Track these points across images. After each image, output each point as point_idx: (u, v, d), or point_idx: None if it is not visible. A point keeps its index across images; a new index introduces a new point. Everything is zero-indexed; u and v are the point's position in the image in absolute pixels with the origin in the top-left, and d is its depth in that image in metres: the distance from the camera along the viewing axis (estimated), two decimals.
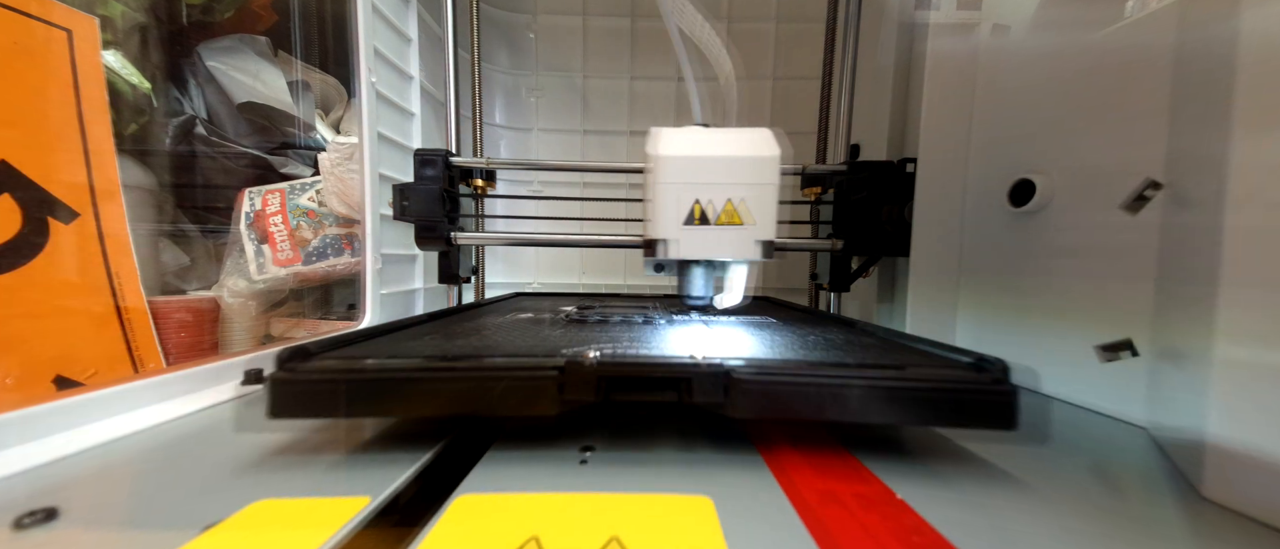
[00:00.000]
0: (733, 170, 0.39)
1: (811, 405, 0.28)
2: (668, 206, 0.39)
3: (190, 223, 0.87)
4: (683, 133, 0.41)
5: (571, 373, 0.28)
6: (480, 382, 0.28)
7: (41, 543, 0.21)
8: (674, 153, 0.39)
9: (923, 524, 0.23)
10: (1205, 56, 0.32)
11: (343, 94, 1.01)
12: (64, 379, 0.63)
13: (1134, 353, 0.38)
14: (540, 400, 0.28)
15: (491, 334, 0.41)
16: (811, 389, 0.28)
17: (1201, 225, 0.30)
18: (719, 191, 0.39)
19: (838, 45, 0.74)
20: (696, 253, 0.40)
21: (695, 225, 0.39)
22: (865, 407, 0.28)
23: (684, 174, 0.39)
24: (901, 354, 0.36)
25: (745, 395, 0.28)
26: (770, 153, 0.39)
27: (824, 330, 0.46)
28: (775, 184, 0.40)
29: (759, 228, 0.40)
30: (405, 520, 0.23)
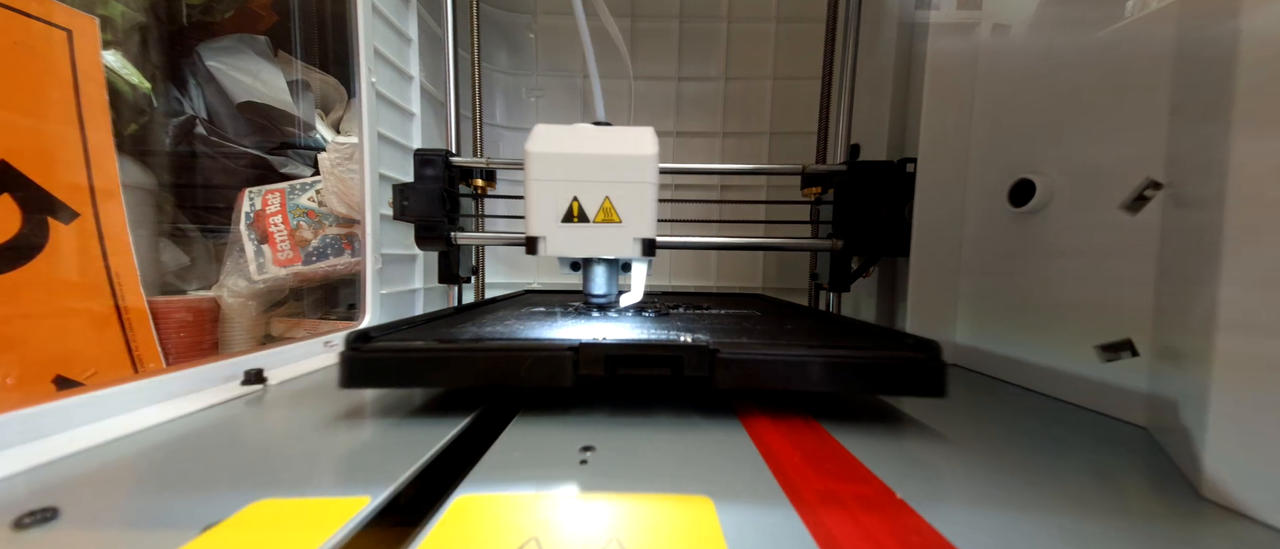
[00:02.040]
0: (608, 168, 0.39)
1: (781, 377, 0.34)
2: (543, 203, 0.39)
3: (190, 223, 0.87)
4: (562, 130, 0.41)
5: (584, 352, 0.34)
6: (511, 359, 0.34)
7: (41, 543, 0.21)
8: (547, 150, 0.39)
9: (923, 524, 0.23)
10: (1205, 56, 0.32)
11: (343, 94, 1.01)
12: (64, 379, 0.63)
13: (1134, 353, 0.38)
14: (559, 374, 0.33)
15: (514, 323, 0.47)
16: (781, 364, 0.34)
17: (1201, 225, 0.30)
18: (595, 189, 0.39)
19: (838, 45, 0.74)
20: (573, 250, 0.40)
21: (572, 223, 0.39)
22: (825, 378, 0.34)
23: (558, 171, 0.39)
24: (859, 337, 0.42)
25: (727, 370, 0.34)
26: (646, 151, 0.39)
27: (800, 321, 0.53)
28: (652, 182, 0.40)
29: (636, 226, 0.40)
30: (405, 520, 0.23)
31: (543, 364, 0.33)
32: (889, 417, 0.38)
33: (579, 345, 0.34)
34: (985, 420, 0.38)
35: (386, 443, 0.31)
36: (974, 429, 0.36)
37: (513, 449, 0.31)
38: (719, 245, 0.77)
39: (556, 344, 0.34)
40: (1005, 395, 0.45)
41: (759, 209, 0.86)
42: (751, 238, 0.76)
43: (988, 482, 0.28)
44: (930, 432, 0.35)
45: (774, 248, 0.86)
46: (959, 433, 0.35)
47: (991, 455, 0.31)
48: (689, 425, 0.35)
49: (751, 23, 0.98)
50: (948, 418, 0.38)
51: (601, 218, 0.39)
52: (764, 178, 0.98)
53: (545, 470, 0.28)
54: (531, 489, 0.25)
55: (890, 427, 0.36)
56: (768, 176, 0.97)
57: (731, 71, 0.99)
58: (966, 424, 0.37)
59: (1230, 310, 0.26)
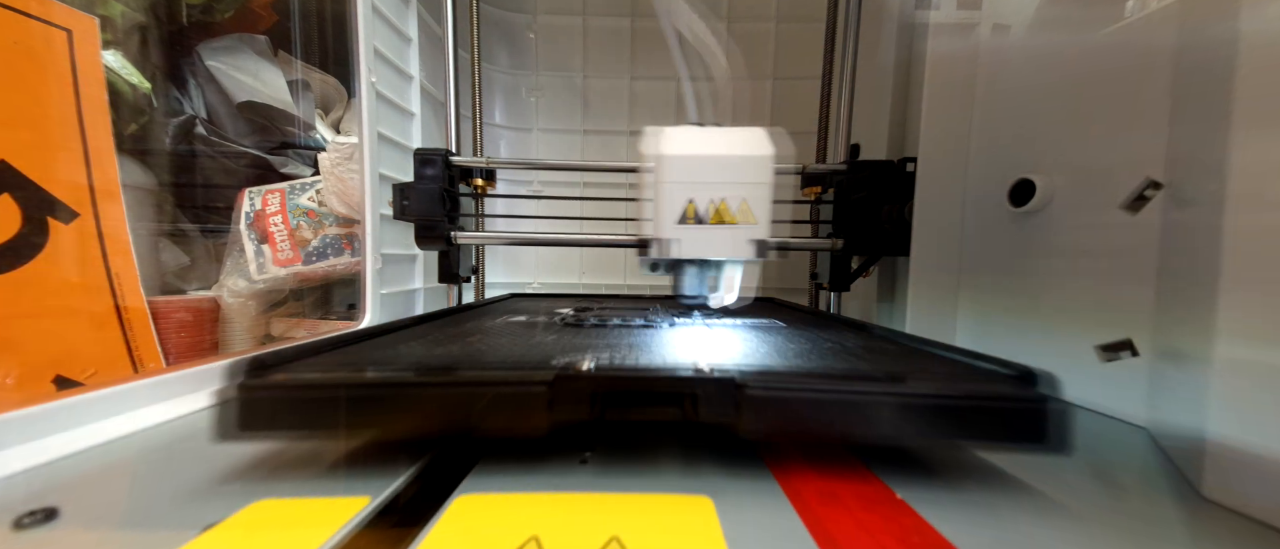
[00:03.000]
0: (726, 169, 0.39)
1: (834, 423, 0.25)
2: (662, 205, 0.39)
3: (190, 223, 0.87)
4: (678, 131, 0.41)
5: (562, 387, 0.26)
6: (461, 396, 0.26)
7: (41, 543, 0.21)
8: (670, 151, 0.39)
9: (922, 524, 0.23)
10: (1205, 56, 0.32)
11: (343, 94, 1.01)
12: (64, 379, 0.63)
13: (1134, 353, 0.38)
14: (528, 417, 0.26)
15: (480, 340, 0.39)
16: (834, 404, 0.25)
17: (1201, 225, 0.30)
18: (713, 191, 0.39)
19: (838, 45, 0.74)
20: (690, 252, 0.40)
21: (689, 224, 0.39)
22: (897, 424, 0.25)
23: (678, 173, 0.39)
24: (926, 362, 0.34)
25: (758, 411, 0.25)
26: (764, 152, 0.39)
27: (836, 335, 0.44)
28: (769, 183, 0.40)
29: (753, 227, 0.40)
30: (405, 520, 0.23)
31: (503, 404, 0.26)
32: None
33: (555, 377, 0.26)
34: None
35: (387, 443, 0.31)
36: None
37: (513, 448, 0.29)
38: None
39: (521, 377, 0.26)
40: None
41: None
42: None
43: (987, 480, 0.28)
44: None
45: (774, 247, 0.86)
46: None
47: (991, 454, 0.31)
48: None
49: (751, 23, 0.98)
50: None
51: (717, 219, 0.39)
52: None
53: (545, 470, 0.28)
54: (531, 489, 0.25)
55: None
56: None
57: (731, 71, 0.99)
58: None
59: (1230, 310, 0.26)
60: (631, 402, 0.27)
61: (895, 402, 0.25)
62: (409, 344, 0.37)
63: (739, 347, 0.38)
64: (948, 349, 0.37)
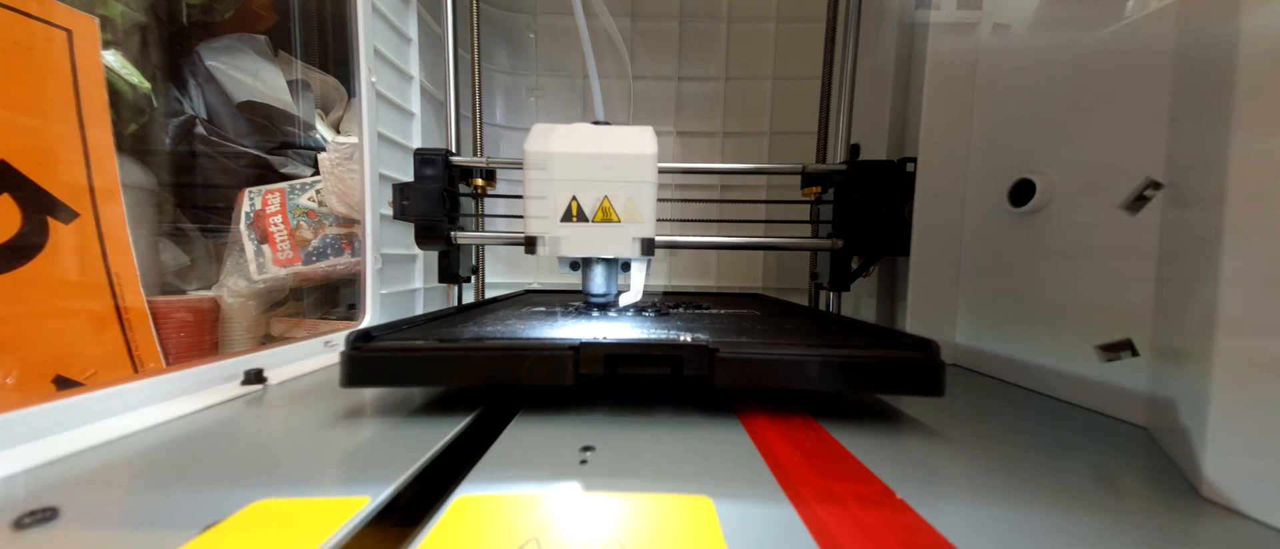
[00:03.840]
0: (608, 167, 0.39)
1: (780, 376, 0.34)
2: (543, 203, 0.39)
3: (190, 223, 0.87)
4: (560, 129, 0.41)
5: (585, 351, 0.34)
6: (512, 358, 0.34)
7: (41, 543, 0.21)
8: (547, 148, 0.39)
9: (922, 524, 0.23)
10: (1205, 56, 0.32)
11: (343, 94, 1.01)
12: (64, 379, 0.63)
13: (1134, 353, 0.38)
14: (560, 373, 0.33)
15: (514, 323, 0.47)
16: (780, 363, 0.34)
17: (1201, 225, 0.30)
18: (595, 189, 0.39)
19: (838, 45, 0.74)
20: (574, 250, 0.40)
21: (573, 222, 0.39)
22: (823, 377, 0.34)
23: (558, 170, 0.39)
24: (858, 337, 0.43)
25: (726, 369, 0.34)
26: (645, 150, 0.39)
27: (799, 320, 0.53)
28: (651, 181, 0.40)
29: (638, 225, 0.40)
30: (405, 520, 0.23)
31: (543, 363, 0.33)
32: (889, 416, 0.38)
33: (579, 345, 0.34)
34: (985, 420, 0.38)
35: (387, 443, 0.31)
36: (974, 429, 0.36)
37: (513, 449, 0.31)
38: (719, 245, 0.77)
39: (557, 344, 0.34)
40: (1005, 395, 0.45)
41: (759, 209, 0.86)
42: (751, 237, 0.76)
43: (988, 481, 0.28)
44: (931, 432, 0.35)
45: (774, 247, 0.86)
46: (959, 433, 0.35)
47: (991, 455, 0.31)
48: (689, 425, 0.35)
49: (751, 23, 0.98)
50: (948, 418, 0.38)
51: (600, 217, 0.39)
52: (764, 177, 0.98)
53: (545, 470, 0.28)
54: (531, 489, 0.25)
55: (890, 426, 0.36)
56: (768, 176, 0.97)
57: (731, 71, 0.99)
58: (967, 424, 0.37)
59: (1230, 310, 0.26)
60: (635, 363, 0.34)
61: (820, 361, 0.34)
62: (463, 325, 0.45)
63: (719, 327, 0.45)
64: (873, 327, 0.47)
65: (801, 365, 0.34)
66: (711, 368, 0.34)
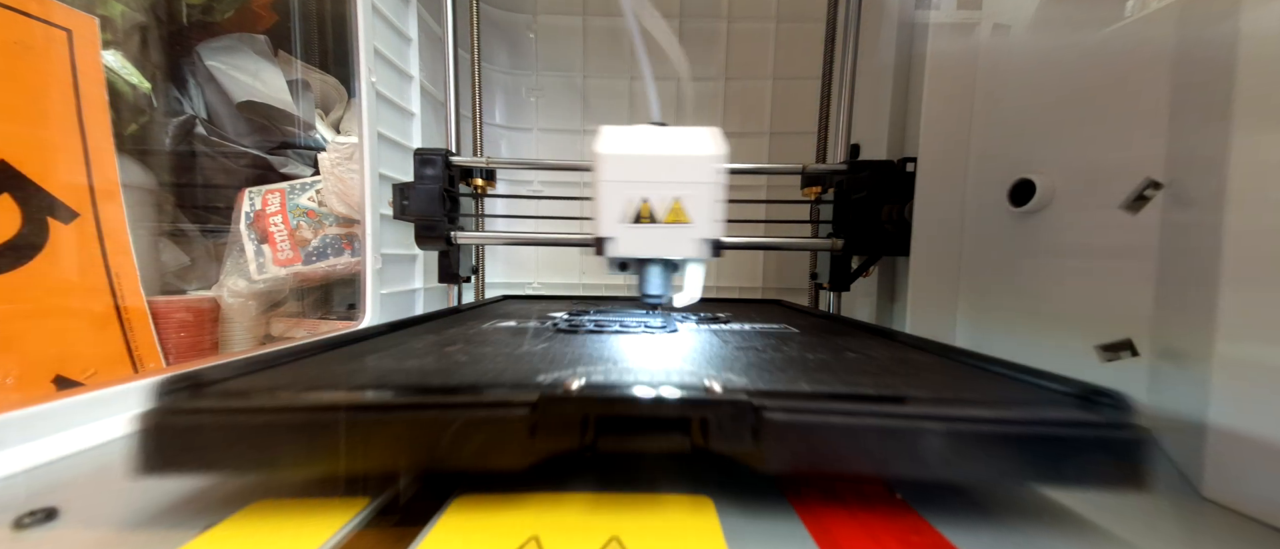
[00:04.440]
0: (674, 169, 0.39)
1: (874, 455, 0.21)
2: (610, 204, 0.39)
3: (190, 223, 0.87)
4: (627, 131, 0.41)
5: (547, 409, 0.22)
6: (423, 422, 0.22)
7: (41, 543, 0.21)
8: (615, 151, 0.39)
9: (922, 524, 0.23)
10: (1205, 56, 0.32)
11: (343, 94, 1.01)
12: (64, 379, 0.63)
13: (1134, 353, 0.38)
14: (505, 447, 0.22)
15: (458, 350, 0.35)
16: (873, 433, 0.22)
17: (1201, 225, 0.30)
18: (661, 190, 0.39)
19: (838, 45, 0.74)
20: (639, 251, 0.40)
21: (638, 223, 0.39)
22: (954, 457, 0.21)
23: (625, 172, 0.39)
24: (975, 380, 0.30)
25: (781, 440, 0.22)
26: (711, 152, 0.39)
27: (858, 342, 0.41)
28: (715, 183, 0.40)
29: (702, 226, 0.40)
30: (405, 520, 0.23)
31: (475, 431, 0.22)
32: None
33: (540, 396, 0.22)
34: None
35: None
36: None
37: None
38: None
39: (501, 397, 0.23)
40: None
41: (759, 209, 0.86)
42: (751, 238, 0.76)
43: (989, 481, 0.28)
44: None
45: (774, 247, 0.86)
46: None
47: None
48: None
49: (751, 22, 0.98)
50: None
51: (668, 218, 0.39)
52: (764, 177, 0.98)
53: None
54: (531, 489, 0.25)
55: None
56: (768, 176, 0.97)
57: (731, 71, 0.99)
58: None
59: (1230, 310, 0.26)
60: (629, 428, 0.23)
61: (945, 431, 0.21)
62: (374, 357, 0.32)
63: (752, 358, 0.35)
64: (989, 361, 0.33)
65: (912, 438, 0.21)
66: (755, 436, 0.22)
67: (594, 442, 0.23)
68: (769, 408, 0.22)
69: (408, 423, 0.22)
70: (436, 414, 0.22)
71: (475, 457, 0.22)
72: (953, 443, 0.21)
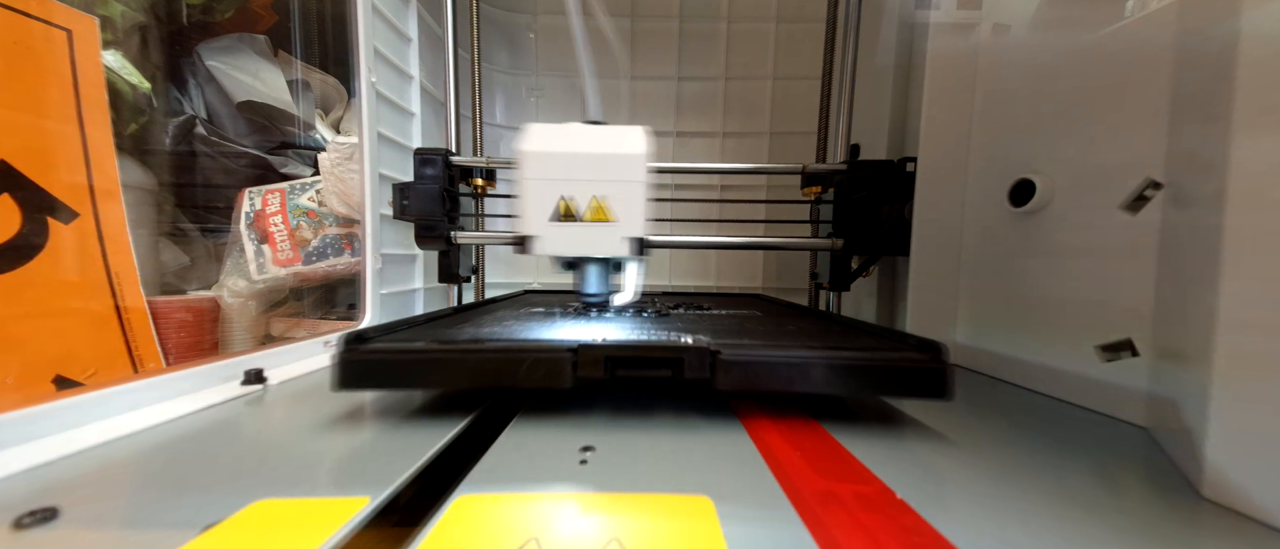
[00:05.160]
0: (598, 167, 0.39)
1: (783, 379, 0.33)
2: (533, 202, 0.39)
3: (190, 223, 0.87)
4: (551, 129, 0.40)
5: (583, 354, 0.33)
6: (509, 360, 0.33)
7: (41, 543, 0.21)
8: (538, 149, 0.39)
9: (922, 524, 0.23)
10: (1205, 56, 0.32)
11: (343, 94, 1.01)
12: (64, 379, 0.63)
13: (1134, 353, 0.38)
14: (558, 375, 0.33)
15: (512, 324, 0.46)
16: (783, 366, 0.33)
17: (1201, 225, 0.30)
18: (585, 188, 0.39)
19: (838, 45, 0.75)
20: (563, 249, 0.40)
21: (562, 222, 0.39)
22: (827, 380, 0.33)
23: (548, 170, 0.39)
24: (862, 338, 0.42)
25: (729, 371, 0.33)
26: (636, 150, 0.39)
27: (801, 321, 0.53)
28: (642, 181, 0.39)
29: (626, 225, 0.40)
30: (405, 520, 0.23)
31: (541, 365, 0.33)
32: (890, 417, 0.38)
33: (578, 347, 0.34)
34: (986, 420, 0.38)
35: (387, 443, 0.31)
36: (975, 428, 0.36)
37: (511, 451, 0.31)
38: (719, 245, 0.77)
39: (555, 345, 0.34)
40: (1005, 395, 0.45)
41: (759, 209, 0.86)
42: (751, 237, 0.76)
43: (989, 481, 0.28)
44: (932, 432, 0.35)
45: (774, 247, 0.86)
46: (960, 433, 0.35)
47: (992, 455, 0.31)
48: (690, 428, 0.35)
49: (751, 23, 0.98)
50: (948, 418, 0.38)
51: (592, 217, 0.39)
52: (764, 177, 0.98)
53: (545, 471, 0.28)
54: (531, 489, 0.25)
55: (891, 427, 0.36)
56: (768, 176, 0.97)
57: (731, 71, 0.99)
58: (967, 424, 0.37)
59: (1230, 310, 0.26)
60: (635, 365, 0.34)
61: (823, 363, 0.33)
62: (460, 326, 0.45)
63: (720, 328, 0.45)
64: (876, 328, 0.47)
65: (805, 368, 0.33)
66: (713, 370, 0.33)
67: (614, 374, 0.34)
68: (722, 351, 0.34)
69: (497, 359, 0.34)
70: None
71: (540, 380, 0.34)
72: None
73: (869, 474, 0.28)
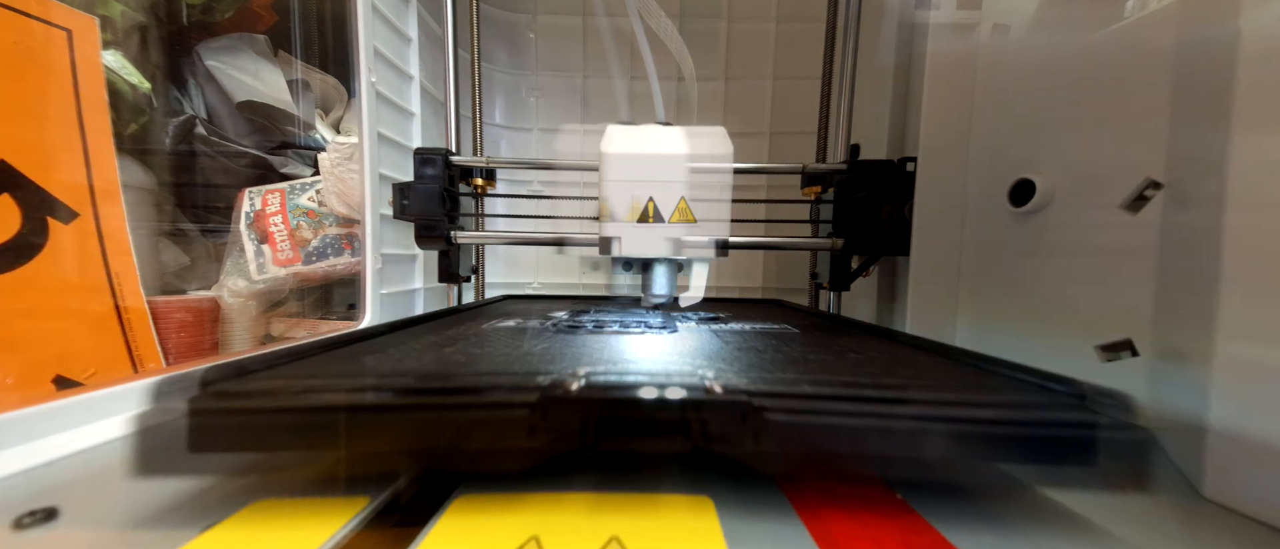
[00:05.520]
0: (681, 169, 0.39)
1: (868, 450, 0.22)
2: (616, 203, 0.39)
3: (190, 223, 0.87)
4: (634, 131, 0.40)
5: (551, 406, 0.22)
6: (428, 417, 0.23)
7: (41, 543, 0.21)
8: (622, 150, 0.39)
9: (923, 524, 0.23)
10: (1205, 56, 0.31)
11: (343, 94, 1.01)
12: (64, 379, 0.63)
13: (1134, 353, 0.38)
14: (507, 443, 0.22)
15: (460, 348, 0.35)
16: (875, 433, 0.22)
17: (1201, 225, 0.30)
18: (669, 190, 0.39)
19: (838, 45, 0.74)
20: (645, 250, 0.39)
21: (645, 222, 0.39)
22: (945, 450, 0.22)
23: (632, 171, 0.39)
24: (968, 377, 0.30)
25: (778, 436, 0.22)
26: (720, 151, 0.39)
27: (857, 342, 0.40)
28: (723, 183, 0.39)
29: (709, 225, 0.40)
30: (405, 520, 0.23)
31: (478, 428, 0.22)
32: None
33: (539, 395, 0.22)
34: None
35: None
36: None
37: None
38: None
39: (504, 393, 0.23)
40: None
41: (759, 208, 0.86)
42: (752, 237, 0.76)
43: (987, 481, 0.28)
44: None
45: (774, 247, 0.86)
46: None
47: None
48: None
49: (751, 22, 0.98)
50: None
51: (676, 218, 0.39)
52: (764, 177, 0.98)
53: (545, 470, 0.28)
54: (531, 489, 0.25)
55: None
56: (768, 176, 0.97)
57: (731, 71, 0.99)
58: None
59: (1230, 310, 0.26)
60: (629, 429, 0.23)
61: (946, 427, 0.22)
62: (382, 354, 0.33)
63: (751, 357, 0.33)
64: (982, 359, 0.33)
65: (912, 436, 0.22)
66: (756, 436, 0.22)
67: None
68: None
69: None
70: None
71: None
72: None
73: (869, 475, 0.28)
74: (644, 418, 0.23)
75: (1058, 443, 0.22)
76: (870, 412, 0.22)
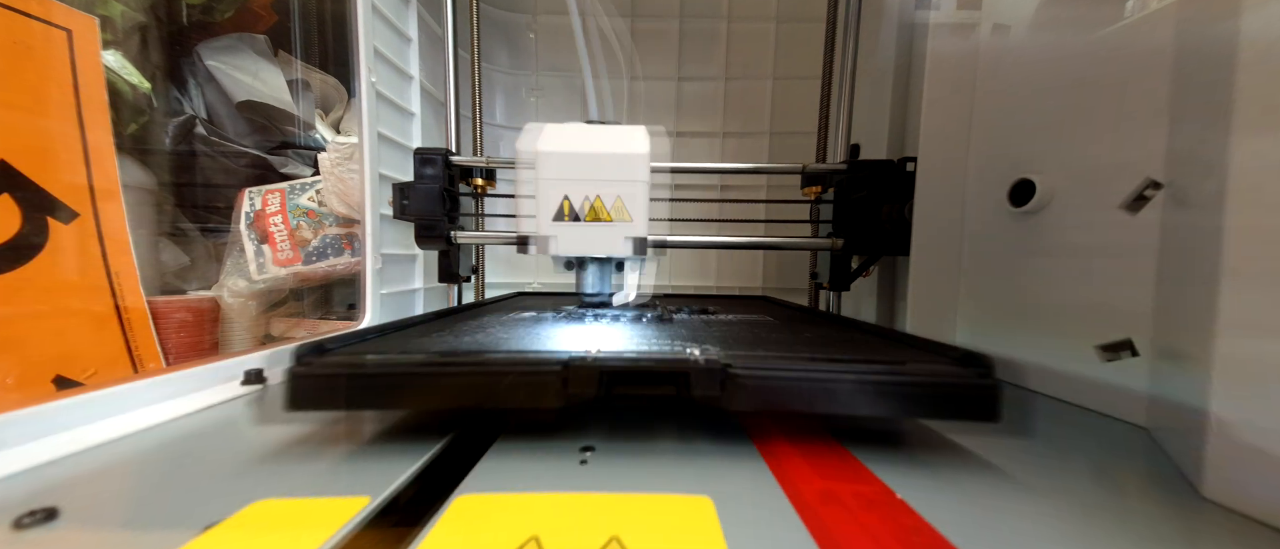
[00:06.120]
0: (600, 167, 0.39)
1: (805, 399, 0.29)
2: (538, 202, 0.39)
3: (190, 223, 0.87)
4: (553, 128, 0.40)
5: (575, 369, 0.29)
6: (487, 376, 0.29)
7: (41, 543, 0.21)
8: (539, 148, 0.39)
9: (922, 524, 0.23)
10: (1205, 56, 0.31)
11: (343, 94, 1.01)
12: (64, 379, 0.63)
13: (1134, 353, 0.38)
14: (544, 395, 0.29)
15: (496, 331, 0.42)
16: (805, 383, 0.29)
17: (1201, 225, 0.30)
18: (589, 188, 0.39)
19: (838, 45, 0.74)
20: (567, 249, 0.40)
21: (566, 221, 0.39)
22: (859, 401, 0.29)
23: (550, 169, 0.39)
24: (890, 348, 0.37)
25: (741, 390, 0.29)
26: (639, 150, 0.39)
27: (818, 328, 0.47)
28: (645, 181, 0.39)
29: (630, 224, 0.40)
30: (405, 520, 0.23)
31: (523, 383, 0.29)
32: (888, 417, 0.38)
33: (567, 361, 0.29)
34: None
35: (387, 443, 0.31)
36: (974, 428, 0.36)
37: (510, 453, 0.30)
38: (719, 245, 0.77)
39: (542, 359, 0.30)
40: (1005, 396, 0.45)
41: (759, 208, 0.86)
42: (752, 237, 0.76)
43: (987, 481, 0.28)
44: (931, 432, 0.35)
45: (774, 247, 0.86)
46: (959, 433, 0.35)
47: (992, 454, 0.31)
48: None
49: (751, 22, 0.98)
50: None
51: (592, 216, 0.39)
52: (764, 177, 0.98)
53: (545, 470, 0.28)
54: (531, 489, 0.25)
55: (890, 427, 0.36)
56: (768, 176, 0.97)
57: (731, 71, 0.99)
58: (966, 424, 0.37)
59: (1230, 310, 0.26)
60: (634, 380, 0.30)
61: (853, 381, 0.29)
62: (435, 336, 0.40)
63: (730, 337, 0.40)
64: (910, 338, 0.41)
65: (830, 386, 0.29)
66: (723, 387, 0.29)
67: None
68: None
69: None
70: None
71: None
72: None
73: (869, 474, 0.28)
74: (641, 372, 0.30)
75: (942, 395, 0.29)
76: (797, 368, 0.30)
